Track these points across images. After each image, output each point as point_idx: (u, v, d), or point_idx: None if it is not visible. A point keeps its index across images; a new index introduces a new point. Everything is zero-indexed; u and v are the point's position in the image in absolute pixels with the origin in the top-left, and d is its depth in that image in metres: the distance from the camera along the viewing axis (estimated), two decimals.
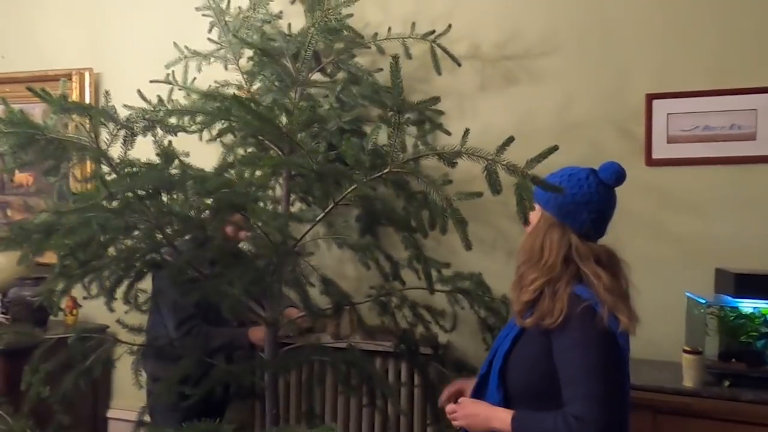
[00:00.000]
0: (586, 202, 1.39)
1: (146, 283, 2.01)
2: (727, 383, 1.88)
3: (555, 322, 1.31)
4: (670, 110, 2.30)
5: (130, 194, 1.47)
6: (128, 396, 2.82)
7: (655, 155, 2.32)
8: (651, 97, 2.32)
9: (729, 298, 1.98)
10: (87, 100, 2.97)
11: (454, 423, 1.46)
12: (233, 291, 1.64)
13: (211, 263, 1.91)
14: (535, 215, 1.46)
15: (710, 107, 2.26)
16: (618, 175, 1.42)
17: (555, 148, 1.56)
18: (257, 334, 2.30)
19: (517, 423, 1.31)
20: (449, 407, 1.47)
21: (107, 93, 1.69)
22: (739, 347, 1.93)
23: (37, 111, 2.96)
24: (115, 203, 1.51)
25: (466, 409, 1.43)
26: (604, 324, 1.28)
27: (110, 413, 3.02)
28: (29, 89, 1.49)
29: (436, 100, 1.77)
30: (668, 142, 2.31)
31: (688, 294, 2.14)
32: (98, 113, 1.53)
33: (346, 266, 2.68)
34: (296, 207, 2.43)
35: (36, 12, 3.26)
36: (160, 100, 1.84)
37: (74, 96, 2.99)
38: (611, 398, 1.24)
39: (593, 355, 1.27)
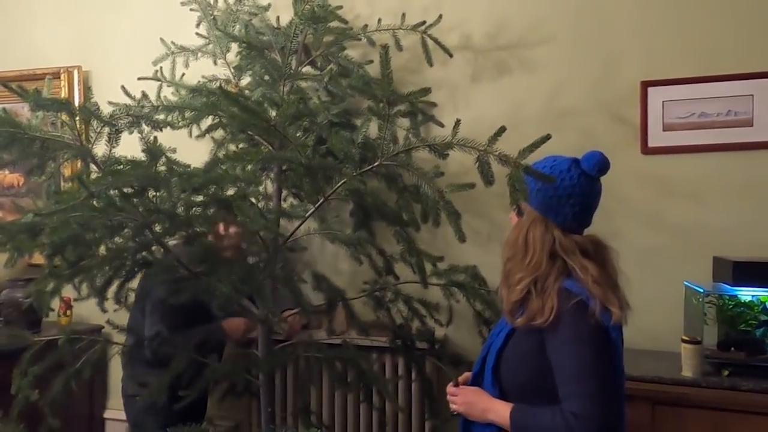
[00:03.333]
0: (568, 195, 1.35)
1: (137, 283, 1.98)
2: (726, 372, 1.87)
3: (546, 321, 1.28)
4: (665, 98, 2.28)
5: (114, 192, 1.44)
6: None
7: (650, 143, 2.29)
8: (646, 85, 2.29)
9: (727, 287, 1.96)
10: (76, 98, 2.94)
11: (452, 407, 1.45)
12: (223, 289, 1.61)
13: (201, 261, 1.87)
14: (522, 208, 1.43)
15: (706, 94, 2.23)
16: (600, 165, 1.36)
17: (547, 137, 1.53)
18: (232, 325, 2.21)
19: (515, 417, 1.30)
20: (450, 389, 1.47)
21: (89, 89, 1.65)
22: (738, 336, 1.91)
23: (25, 110, 2.93)
24: (99, 202, 1.48)
25: (467, 396, 1.42)
26: (596, 318, 1.26)
27: (107, 413, 3.00)
28: (4, 85, 1.45)
29: (427, 91, 1.74)
30: (664, 130, 2.28)
31: (686, 283, 2.12)
32: (79, 110, 1.49)
33: (340, 261, 2.66)
34: (288, 203, 2.40)
35: (24, 10, 3.22)
36: (144, 95, 1.81)
37: (63, 94, 2.96)
38: (606, 394, 1.23)
39: (586, 351, 1.25)
